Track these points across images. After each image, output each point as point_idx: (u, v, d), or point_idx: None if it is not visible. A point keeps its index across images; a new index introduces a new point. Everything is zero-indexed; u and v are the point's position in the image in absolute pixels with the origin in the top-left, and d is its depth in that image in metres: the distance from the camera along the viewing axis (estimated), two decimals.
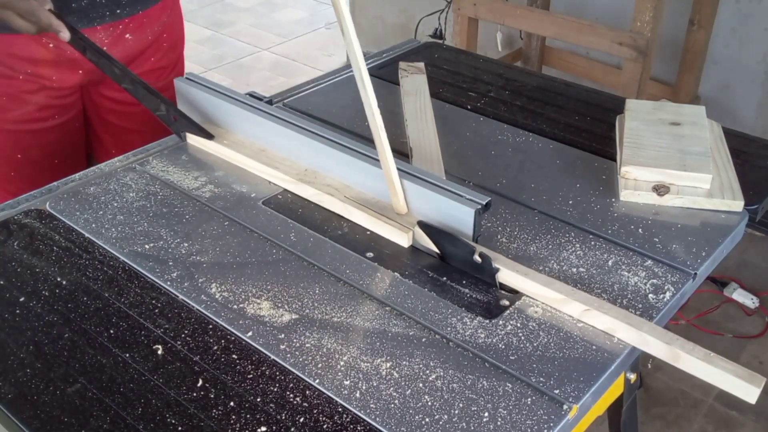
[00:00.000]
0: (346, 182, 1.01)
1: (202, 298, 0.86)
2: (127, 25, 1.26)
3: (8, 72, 1.21)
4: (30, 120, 1.26)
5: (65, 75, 1.25)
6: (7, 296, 0.86)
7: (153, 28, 1.30)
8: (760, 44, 2.32)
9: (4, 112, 1.24)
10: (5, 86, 1.22)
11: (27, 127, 1.26)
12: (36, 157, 1.29)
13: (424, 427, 0.70)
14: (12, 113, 1.24)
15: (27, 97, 1.24)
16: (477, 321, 0.83)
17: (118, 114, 1.37)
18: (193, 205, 1.02)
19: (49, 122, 1.28)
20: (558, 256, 0.93)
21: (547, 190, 1.06)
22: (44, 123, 1.28)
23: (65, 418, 0.71)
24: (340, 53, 3.73)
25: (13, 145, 1.27)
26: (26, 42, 1.19)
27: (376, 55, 1.47)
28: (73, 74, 1.26)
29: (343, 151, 1.00)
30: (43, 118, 1.27)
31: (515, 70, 1.46)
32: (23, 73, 1.22)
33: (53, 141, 1.30)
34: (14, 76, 1.22)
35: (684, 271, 0.91)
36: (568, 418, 0.72)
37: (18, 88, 1.23)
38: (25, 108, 1.25)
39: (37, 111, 1.26)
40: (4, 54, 1.20)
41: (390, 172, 0.93)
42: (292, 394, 0.74)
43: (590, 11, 2.60)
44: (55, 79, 1.25)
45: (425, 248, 0.94)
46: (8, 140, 1.27)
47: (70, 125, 1.32)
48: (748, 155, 1.15)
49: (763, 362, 2.00)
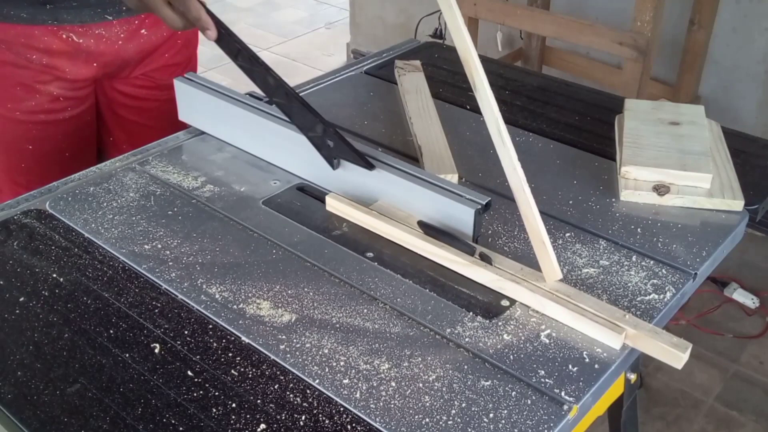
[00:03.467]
0: (348, 183, 1.01)
1: (201, 298, 0.86)
2: (143, 20, 1.26)
3: (23, 62, 1.20)
4: (42, 111, 1.25)
5: (80, 67, 1.24)
6: (7, 296, 0.86)
7: None
8: (761, 44, 2.32)
9: (16, 101, 1.23)
10: (19, 76, 1.21)
11: (39, 118, 1.25)
12: (46, 149, 1.28)
13: (424, 427, 0.70)
14: (25, 103, 1.23)
15: (40, 87, 1.23)
16: (477, 321, 0.83)
17: (132, 109, 1.37)
18: (193, 205, 1.02)
19: (61, 114, 1.27)
20: (558, 256, 0.93)
21: (547, 190, 1.06)
22: (57, 114, 1.27)
23: (65, 419, 0.71)
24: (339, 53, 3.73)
25: (23, 135, 1.26)
26: (43, 33, 1.18)
27: (376, 55, 1.46)
28: (88, 67, 1.25)
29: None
30: (55, 110, 1.26)
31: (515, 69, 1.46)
32: (38, 63, 1.21)
33: (65, 133, 1.29)
34: (29, 66, 1.21)
35: (684, 271, 0.91)
36: (568, 419, 0.72)
37: (32, 79, 1.22)
38: (38, 98, 1.24)
39: (49, 102, 1.25)
40: (21, 44, 1.19)
41: (539, 233, 0.83)
42: (292, 395, 0.74)
43: (590, 11, 2.60)
44: (69, 71, 1.24)
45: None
46: (19, 130, 1.26)
47: (83, 118, 1.32)
48: (748, 155, 1.15)
49: (764, 362, 2.00)
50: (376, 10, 3.39)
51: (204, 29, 0.98)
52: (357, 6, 3.47)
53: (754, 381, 1.95)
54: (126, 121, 1.38)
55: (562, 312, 0.82)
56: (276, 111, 1.09)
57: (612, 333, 0.79)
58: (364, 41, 3.46)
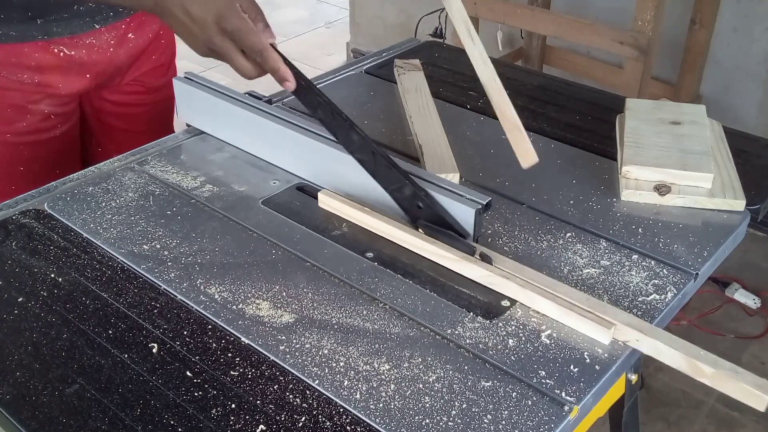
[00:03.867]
0: (348, 183, 1.01)
1: (201, 299, 0.85)
2: (129, 24, 1.25)
3: (14, 84, 1.17)
4: (34, 131, 1.23)
5: (73, 81, 1.22)
6: (6, 296, 0.85)
7: (152, 25, 1.30)
8: (762, 44, 2.32)
9: (7, 124, 1.20)
10: (10, 98, 1.18)
11: (30, 139, 1.23)
12: (36, 170, 1.26)
13: (424, 428, 0.70)
14: (16, 125, 1.21)
15: (32, 107, 1.21)
16: (477, 321, 0.83)
17: (120, 117, 1.36)
18: (192, 205, 1.01)
19: (51, 132, 1.25)
20: (559, 256, 0.93)
21: (547, 190, 1.06)
22: (47, 133, 1.25)
23: (63, 419, 0.71)
24: (339, 52, 3.72)
25: (15, 157, 1.24)
26: (33, 49, 1.16)
27: (376, 55, 1.46)
28: (81, 79, 1.23)
29: (344, 151, 1.00)
30: (46, 128, 1.24)
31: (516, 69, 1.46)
32: (30, 83, 1.18)
33: (54, 151, 1.27)
34: (20, 88, 1.18)
35: (685, 271, 0.91)
36: (569, 419, 0.72)
37: (23, 99, 1.19)
38: (29, 119, 1.21)
39: (40, 121, 1.23)
40: (11, 65, 1.16)
41: (514, 120, 0.84)
42: (291, 395, 0.74)
43: (591, 10, 2.59)
44: (62, 86, 1.21)
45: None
46: (10, 153, 1.23)
47: (70, 134, 1.30)
48: (750, 155, 1.15)
49: (765, 363, 2.00)
50: (376, 10, 3.39)
51: (282, 80, 0.93)
52: (357, 5, 3.47)
53: None
54: (114, 130, 1.37)
55: (552, 307, 0.83)
56: (276, 111, 1.09)
57: (600, 328, 0.79)
58: (364, 41, 3.46)
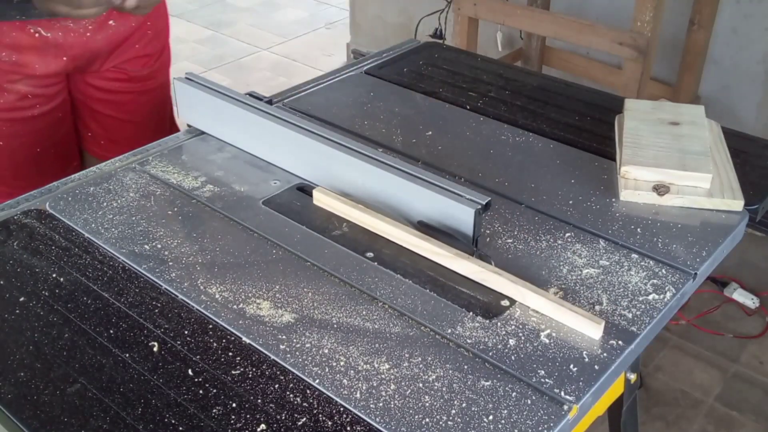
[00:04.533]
0: (348, 184, 1.01)
1: (201, 298, 0.86)
2: (111, 11, 1.25)
3: None
4: (11, 109, 1.25)
5: (49, 62, 1.24)
6: (7, 296, 0.86)
7: (137, 15, 1.30)
8: (761, 44, 2.32)
9: None
10: None
11: (7, 116, 1.25)
12: (15, 146, 1.28)
13: (424, 427, 0.70)
14: None
15: (8, 86, 1.23)
16: (477, 321, 0.83)
17: (107, 103, 1.37)
18: (193, 205, 1.02)
19: (29, 111, 1.27)
20: (558, 256, 0.93)
21: (547, 190, 1.06)
22: (25, 112, 1.26)
23: (65, 419, 0.71)
24: (339, 53, 3.73)
25: None
26: (10, 29, 1.18)
27: (376, 55, 1.46)
28: (58, 61, 1.25)
29: (344, 152, 1.00)
30: (23, 107, 1.26)
31: (515, 69, 1.46)
32: (7, 61, 1.20)
33: (35, 130, 1.29)
34: None
35: (684, 271, 0.91)
36: (568, 418, 0.72)
37: (0, 78, 1.21)
38: (6, 97, 1.24)
39: (17, 100, 1.25)
40: None
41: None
42: (292, 395, 0.74)
43: (590, 11, 2.60)
44: (38, 66, 1.23)
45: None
46: None
47: (53, 115, 1.31)
48: (748, 155, 1.15)
49: (764, 362, 2.00)
50: (376, 10, 3.39)
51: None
52: (357, 6, 3.47)
53: (754, 381, 1.95)
54: (102, 116, 1.38)
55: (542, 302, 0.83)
56: (276, 111, 1.09)
57: (590, 323, 0.80)
58: (364, 41, 3.46)
